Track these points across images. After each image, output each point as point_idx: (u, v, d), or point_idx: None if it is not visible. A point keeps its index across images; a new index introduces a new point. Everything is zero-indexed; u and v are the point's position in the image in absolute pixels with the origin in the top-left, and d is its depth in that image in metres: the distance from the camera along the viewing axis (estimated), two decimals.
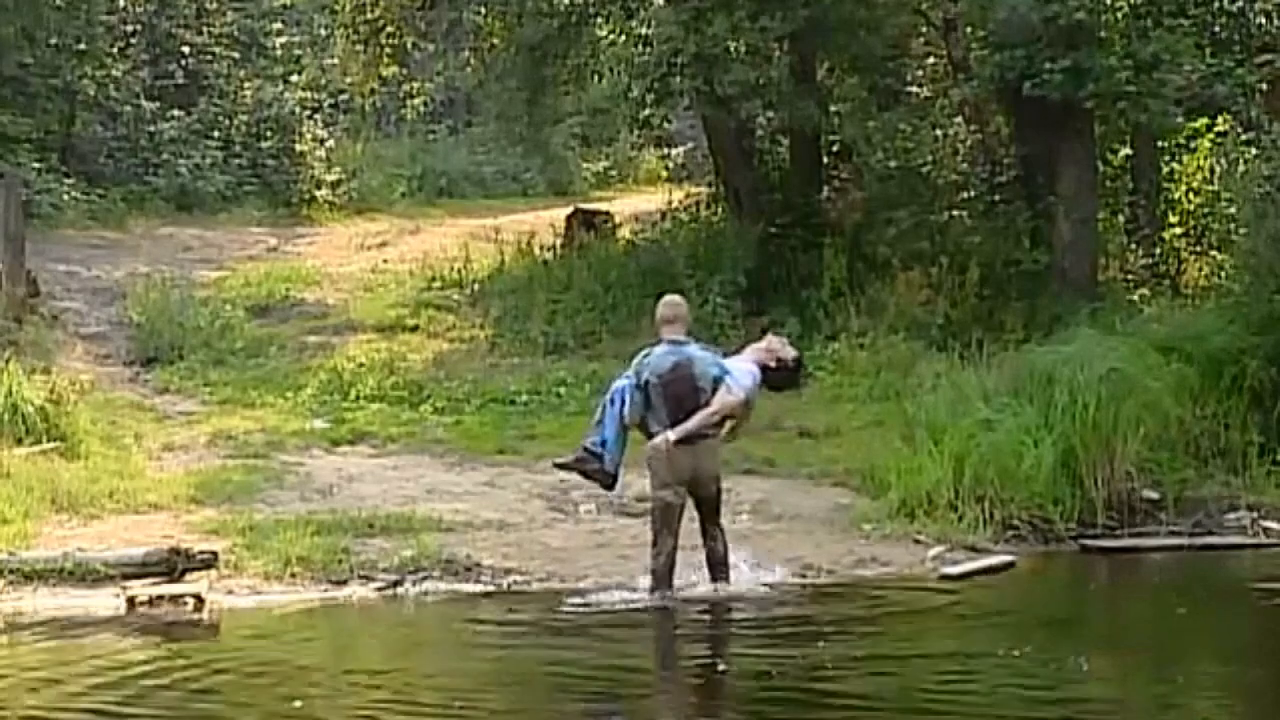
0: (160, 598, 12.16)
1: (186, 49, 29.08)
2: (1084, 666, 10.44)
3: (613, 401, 12.16)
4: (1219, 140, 20.47)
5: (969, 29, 19.76)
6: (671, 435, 11.88)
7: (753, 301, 20.22)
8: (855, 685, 10.25)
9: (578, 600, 12.19)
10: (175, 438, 16.37)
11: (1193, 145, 20.97)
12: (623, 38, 22.58)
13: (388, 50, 25.05)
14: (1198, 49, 19.29)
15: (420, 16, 24.79)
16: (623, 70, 21.90)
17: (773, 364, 12.42)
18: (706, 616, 12.13)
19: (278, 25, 31.13)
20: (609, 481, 12.47)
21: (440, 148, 31.98)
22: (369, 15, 24.46)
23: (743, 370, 12.21)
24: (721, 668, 10.79)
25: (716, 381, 11.98)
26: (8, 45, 25.50)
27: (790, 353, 12.61)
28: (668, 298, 12.50)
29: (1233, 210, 19.28)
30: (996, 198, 20.40)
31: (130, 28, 28.75)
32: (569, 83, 23.46)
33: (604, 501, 14.40)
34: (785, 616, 11.97)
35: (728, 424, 12.26)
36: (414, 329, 20.59)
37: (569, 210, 24.60)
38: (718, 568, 12.40)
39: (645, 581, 12.20)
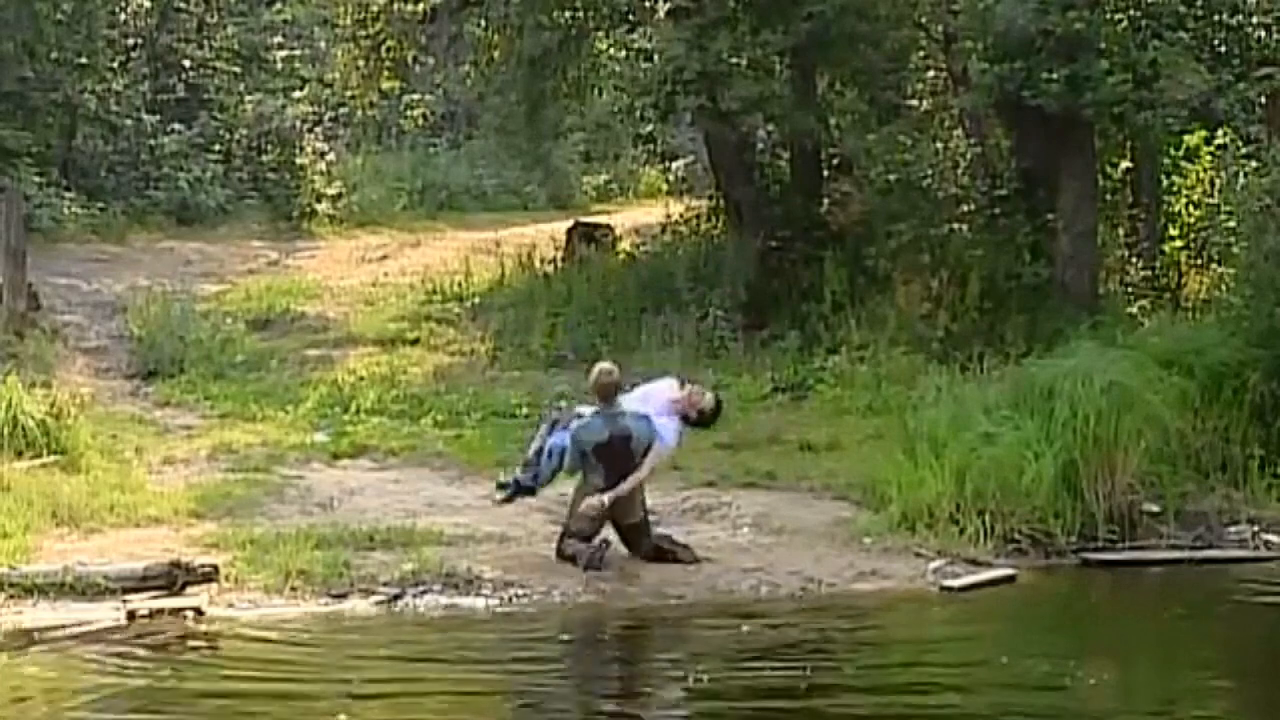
0: (161, 611, 12.16)
1: (187, 63, 29.08)
2: (1088, 680, 10.44)
3: (550, 455, 13.23)
4: (1219, 154, 20.48)
5: (968, 41, 19.77)
6: (606, 499, 12.91)
7: (753, 315, 20.23)
8: (855, 698, 10.26)
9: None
10: (176, 451, 16.36)
11: (1193, 159, 20.99)
12: (623, 52, 22.60)
13: (388, 64, 25.08)
14: (1197, 62, 19.29)
15: (421, 30, 24.81)
16: (624, 86, 21.91)
17: (693, 415, 13.43)
18: (704, 629, 12.14)
19: (278, 39, 31.13)
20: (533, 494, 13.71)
21: (441, 161, 31.95)
22: (369, 29, 24.48)
23: (669, 430, 13.20)
24: (705, 680, 10.74)
25: (647, 444, 13.01)
26: (8, 59, 25.50)
27: (708, 403, 13.58)
28: (602, 366, 13.55)
29: (1233, 224, 19.28)
30: (997, 211, 20.38)
31: (131, 42, 28.75)
32: (569, 96, 23.48)
33: None
34: (785, 629, 11.97)
35: None
36: (414, 342, 20.58)
37: (569, 223, 24.60)
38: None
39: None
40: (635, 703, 10.60)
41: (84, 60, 26.71)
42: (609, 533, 13.19)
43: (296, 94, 30.12)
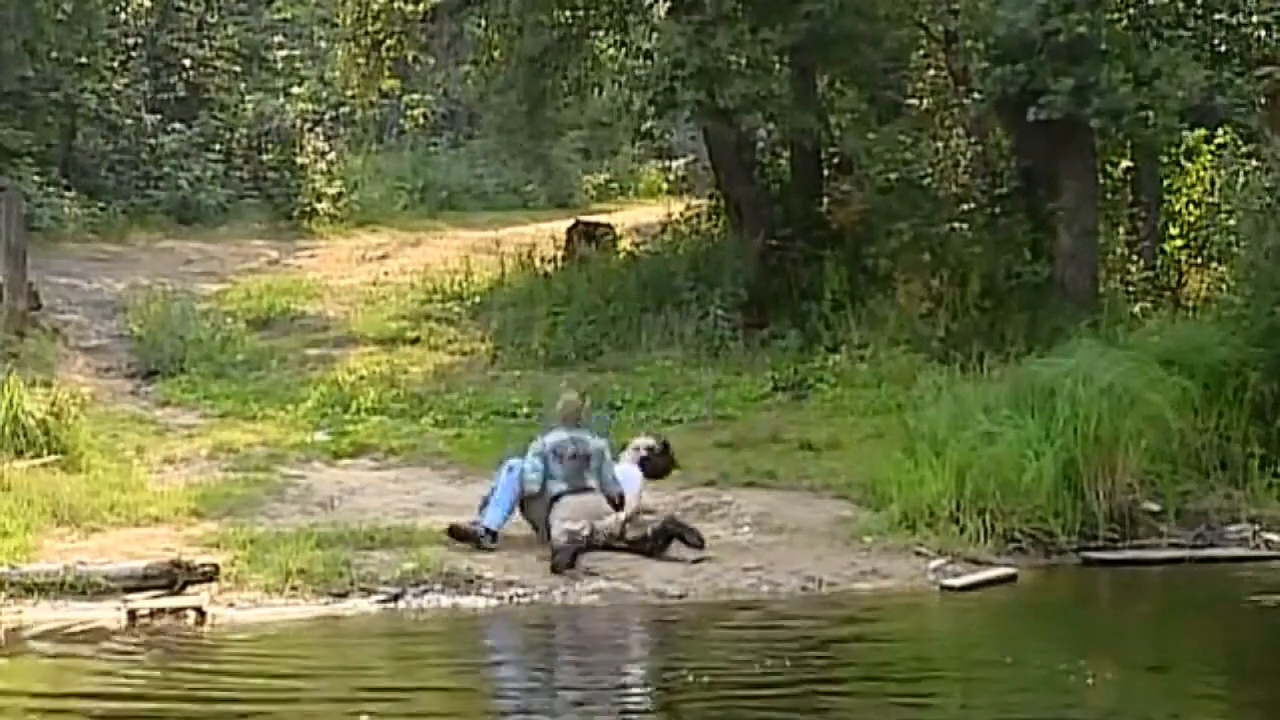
0: (161, 611, 12.16)
1: (187, 62, 29.10)
2: (1088, 679, 10.44)
3: (510, 469, 13.59)
4: (1219, 152, 20.48)
5: (969, 41, 19.76)
6: (624, 516, 13.43)
7: (753, 314, 20.24)
8: (855, 698, 10.26)
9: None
10: (176, 451, 16.36)
11: (1193, 158, 20.98)
12: (623, 50, 22.62)
13: (388, 63, 25.09)
14: (1197, 61, 19.29)
15: (421, 29, 24.82)
16: (624, 83, 21.92)
17: (644, 452, 14.11)
18: (704, 628, 12.14)
19: (279, 38, 31.15)
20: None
21: (441, 160, 31.96)
22: (370, 28, 24.49)
23: (630, 476, 13.82)
24: (705, 679, 10.73)
25: (601, 457, 13.65)
26: (9, 59, 25.51)
27: (647, 440, 14.38)
28: (567, 397, 14.38)
29: (1233, 223, 19.28)
30: (997, 210, 20.39)
31: (131, 41, 28.76)
32: (570, 95, 23.49)
33: None
34: (785, 627, 11.98)
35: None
36: (415, 341, 20.58)
37: (570, 222, 24.60)
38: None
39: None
40: (635, 702, 10.60)
41: (84, 60, 26.72)
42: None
43: (296, 93, 30.13)
